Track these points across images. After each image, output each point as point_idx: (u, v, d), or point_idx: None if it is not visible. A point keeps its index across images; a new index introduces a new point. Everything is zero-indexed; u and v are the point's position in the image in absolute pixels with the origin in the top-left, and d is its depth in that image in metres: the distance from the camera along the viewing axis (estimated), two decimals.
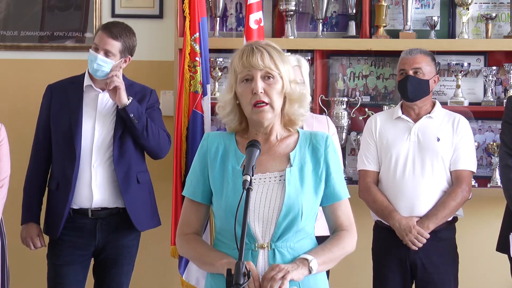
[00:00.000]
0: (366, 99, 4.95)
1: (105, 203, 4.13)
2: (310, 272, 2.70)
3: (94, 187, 4.10)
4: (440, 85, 4.85)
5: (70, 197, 4.08)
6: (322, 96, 4.87)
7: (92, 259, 4.26)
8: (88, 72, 4.19)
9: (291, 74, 2.79)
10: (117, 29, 4.15)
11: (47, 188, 4.25)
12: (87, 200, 4.11)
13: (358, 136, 4.73)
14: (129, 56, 4.18)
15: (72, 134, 4.10)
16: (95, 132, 4.12)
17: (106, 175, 4.12)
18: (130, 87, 4.20)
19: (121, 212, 4.15)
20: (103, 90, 4.17)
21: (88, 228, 4.14)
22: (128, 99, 4.08)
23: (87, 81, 4.18)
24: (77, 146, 4.08)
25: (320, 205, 2.83)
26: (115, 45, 4.11)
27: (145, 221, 4.23)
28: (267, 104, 2.74)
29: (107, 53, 4.10)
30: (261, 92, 2.72)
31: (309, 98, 2.86)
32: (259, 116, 2.75)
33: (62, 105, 4.17)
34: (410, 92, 4.20)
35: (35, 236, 4.19)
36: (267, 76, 2.74)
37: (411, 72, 4.21)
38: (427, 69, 4.22)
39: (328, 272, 2.90)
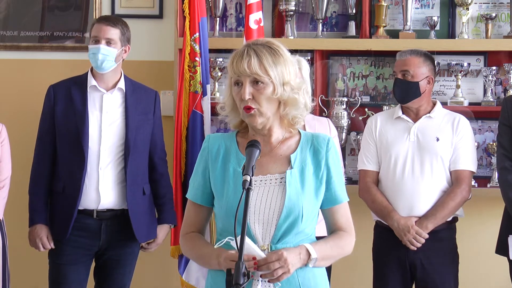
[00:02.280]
0: (366, 99, 4.95)
1: (112, 205, 4.11)
2: (305, 265, 2.72)
3: (102, 189, 4.07)
4: (440, 85, 4.85)
5: (78, 200, 4.04)
6: (322, 96, 4.87)
7: (93, 260, 4.24)
8: (91, 72, 4.14)
9: (285, 76, 2.74)
10: (113, 18, 4.19)
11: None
12: (93, 202, 4.08)
13: (358, 136, 4.73)
14: (128, 45, 4.16)
15: (79, 137, 4.04)
16: (101, 134, 4.08)
17: (114, 177, 4.09)
18: (133, 88, 4.18)
19: (126, 213, 4.12)
20: (107, 90, 4.15)
21: (92, 228, 4.11)
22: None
23: (91, 81, 4.12)
24: (85, 148, 4.04)
25: (320, 208, 2.83)
26: (115, 32, 4.08)
27: (145, 232, 4.23)
28: (255, 109, 2.73)
29: (109, 42, 4.07)
30: (249, 98, 2.72)
31: (309, 99, 2.85)
32: (250, 120, 2.76)
33: (67, 106, 4.11)
34: (398, 95, 4.23)
35: (45, 237, 4.12)
36: (255, 81, 2.73)
37: (399, 75, 4.22)
38: (417, 70, 4.21)
39: (330, 272, 2.90)
